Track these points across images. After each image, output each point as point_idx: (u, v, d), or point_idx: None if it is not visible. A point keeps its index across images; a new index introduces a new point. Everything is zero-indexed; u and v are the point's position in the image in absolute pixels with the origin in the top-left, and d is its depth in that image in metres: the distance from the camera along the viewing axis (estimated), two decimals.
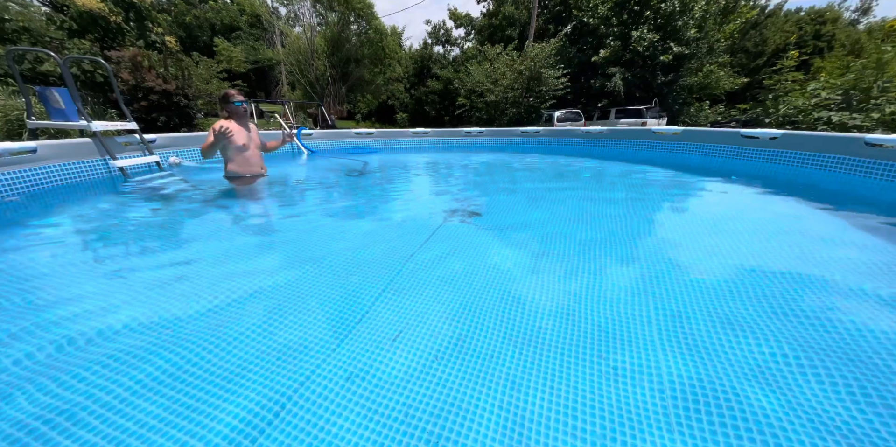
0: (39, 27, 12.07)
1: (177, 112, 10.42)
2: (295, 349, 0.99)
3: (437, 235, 1.91)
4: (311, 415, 0.78)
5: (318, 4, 18.67)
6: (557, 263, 1.54)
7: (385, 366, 0.93)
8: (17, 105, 6.22)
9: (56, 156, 3.14)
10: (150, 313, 1.17)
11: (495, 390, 0.85)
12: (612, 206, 2.55)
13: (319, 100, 19.87)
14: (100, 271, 1.52)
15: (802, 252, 1.62)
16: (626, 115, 12.62)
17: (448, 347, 1.00)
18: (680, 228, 2.09)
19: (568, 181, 3.62)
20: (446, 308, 1.20)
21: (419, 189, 3.45)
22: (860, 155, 3.14)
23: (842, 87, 5.78)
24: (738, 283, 1.32)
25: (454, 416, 0.78)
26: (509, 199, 2.91)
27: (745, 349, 0.97)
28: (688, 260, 1.56)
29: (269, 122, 13.85)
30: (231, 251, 1.73)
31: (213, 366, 0.93)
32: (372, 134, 6.66)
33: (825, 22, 23.43)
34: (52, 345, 1.01)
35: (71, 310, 1.19)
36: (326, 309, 1.19)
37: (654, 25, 12.97)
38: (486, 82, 14.76)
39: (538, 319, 1.12)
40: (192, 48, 21.54)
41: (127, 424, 0.75)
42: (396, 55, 21.95)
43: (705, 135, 4.67)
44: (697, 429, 0.74)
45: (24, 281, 1.41)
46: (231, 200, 2.80)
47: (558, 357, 0.95)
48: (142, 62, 9.85)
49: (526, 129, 6.70)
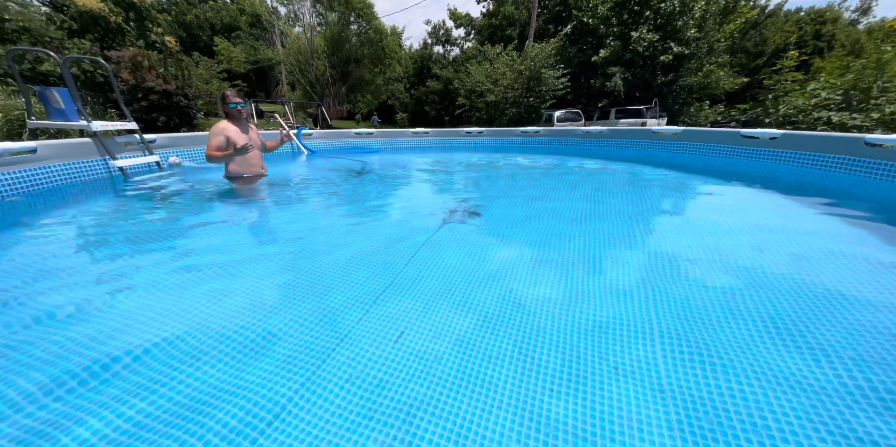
0: (39, 27, 12.06)
1: (177, 112, 10.41)
2: (295, 349, 0.99)
3: (437, 235, 1.91)
4: (310, 416, 0.78)
5: (318, 4, 18.67)
6: (558, 263, 1.54)
7: (385, 366, 0.93)
8: (17, 105, 6.21)
9: (56, 156, 3.14)
10: (150, 313, 1.17)
11: (496, 390, 0.85)
12: (612, 206, 2.55)
13: (319, 100, 19.87)
14: (99, 271, 1.52)
15: (802, 251, 1.62)
16: (626, 115, 12.61)
17: (448, 347, 1.00)
18: (680, 228, 2.09)
19: (568, 181, 3.61)
20: (447, 308, 1.20)
21: (419, 189, 3.45)
22: (860, 155, 3.14)
23: (842, 87, 5.79)
24: (737, 283, 1.32)
25: (454, 417, 0.78)
26: (509, 199, 2.91)
27: (745, 349, 0.97)
28: (688, 259, 1.56)
29: (269, 122, 13.85)
30: (230, 251, 1.73)
31: (211, 366, 0.93)
32: (372, 134, 6.66)
33: (825, 22, 23.43)
34: (51, 344, 1.01)
35: (70, 309, 1.19)
36: (326, 309, 1.19)
37: (654, 25, 12.97)
38: (486, 82, 14.76)
39: (539, 319, 1.12)
40: (192, 48, 21.56)
41: (124, 425, 0.75)
42: (396, 55, 21.94)
43: (705, 135, 4.68)
44: (698, 428, 0.74)
45: (24, 280, 1.40)
46: (231, 200, 2.80)
47: (559, 357, 0.95)
48: (142, 62, 9.84)
49: (526, 129, 6.70)
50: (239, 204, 2.71)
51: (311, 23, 19.94)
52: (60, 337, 1.05)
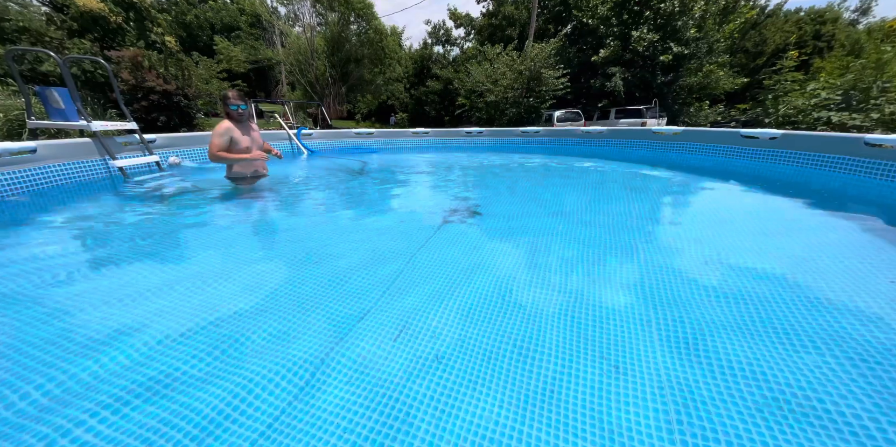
0: (39, 27, 12.06)
1: (177, 112, 10.40)
2: (295, 348, 0.99)
3: (437, 235, 1.91)
4: (310, 417, 0.78)
5: (318, 4, 18.64)
6: (558, 263, 1.54)
7: (385, 365, 0.93)
8: (17, 105, 6.21)
9: (56, 156, 3.13)
10: (149, 313, 1.17)
11: (496, 390, 0.85)
12: (612, 206, 2.55)
13: (319, 100, 19.86)
14: (99, 271, 1.52)
15: (802, 251, 1.62)
16: (626, 115, 12.60)
17: (449, 347, 1.00)
18: (680, 228, 2.09)
19: (568, 181, 3.61)
20: (447, 308, 1.20)
21: (419, 189, 3.45)
22: (860, 155, 3.14)
23: (841, 87, 5.79)
24: (737, 283, 1.32)
25: (454, 417, 0.78)
26: (509, 198, 2.91)
27: (745, 348, 0.97)
28: (688, 259, 1.56)
29: (270, 123, 13.84)
30: (230, 251, 1.73)
31: (211, 366, 0.93)
32: (372, 134, 6.66)
33: (825, 22, 23.41)
34: (48, 343, 1.01)
35: (69, 309, 1.19)
36: (326, 308, 1.19)
37: (654, 25, 12.96)
38: (486, 82, 14.74)
39: (539, 318, 1.12)
40: (192, 48, 21.55)
41: (128, 425, 0.75)
42: (396, 55, 21.89)
43: (705, 135, 4.68)
44: (698, 428, 0.74)
45: (23, 280, 1.40)
46: (231, 200, 2.80)
47: (559, 356, 0.95)
48: (142, 62, 9.83)
49: (526, 129, 6.70)
50: (239, 204, 2.71)
51: (311, 23, 19.92)
52: (56, 335, 1.05)
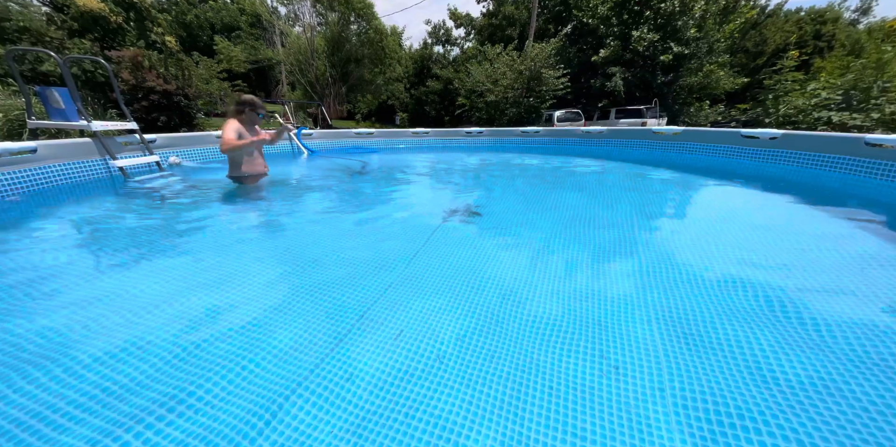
0: (40, 27, 12.07)
1: (177, 112, 10.40)
2: (294, 348, 0.99)
3: (437, 235, 1.91)
4: (308, 417, 0.78)
5: (318, 4, 18.64)
6: (558, 263, 1.54)
7: (385, 365, 0.93)
8: (17, 105, 6.21)
9: (56, 156, 3.14)
10: (149, 313, 1.17)
11: (496, 390, 0.84)
12: (612, 206, 2.55)
13: (319, 100, 19.86)
14: (99, 271, 1.52)
15: (802, 251, 1.62)
16: (626, 115, 12.60)
17: (449, 347, 1.00)
18: (680, 228, 2.09)
19: (567, 181, 3.61)
20: (447, 307, 1.19)
21: (419, 189, 3.45)
22: (860, 155, 3.14)
23: (842, 87, 5.79)
24: (737, 283, 1.32)
25: (454, 417, 0.78)
26: (509, 198, 2.91)
27: (745, 348, 0.97)
28: (688, 259, 1.56)
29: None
30: (231, 250, 1.73)
31: (210, 363, 0.93)
32: (372, 134, 6.66)
33: (825, 22, 23.40)
34: (48, 342, 1.01)
35: (69, 309, 1.19)
36: (327, 308, 1.19)
37: (654, 25, 12.96)
38: (486, 82, 14.74)
39: (539, 318, 1.12)
40: (192, 48, 21.56)
41: (123, 420, 0.75)
42: (396, 55, 21.88)
43: (705, 135, 4.67)
44: (697, 428, 0.74)
45: (23, 280, 1.40)
46: (231, 200, 2.80)
47: (559, 356, 0.95)
48: (142, 62, 9.82)
49: (526, 129, 6.70)
50: (239, 204, 2.71)
51: (311, 23, 19.92)
52: (55, 335, 1.05)
